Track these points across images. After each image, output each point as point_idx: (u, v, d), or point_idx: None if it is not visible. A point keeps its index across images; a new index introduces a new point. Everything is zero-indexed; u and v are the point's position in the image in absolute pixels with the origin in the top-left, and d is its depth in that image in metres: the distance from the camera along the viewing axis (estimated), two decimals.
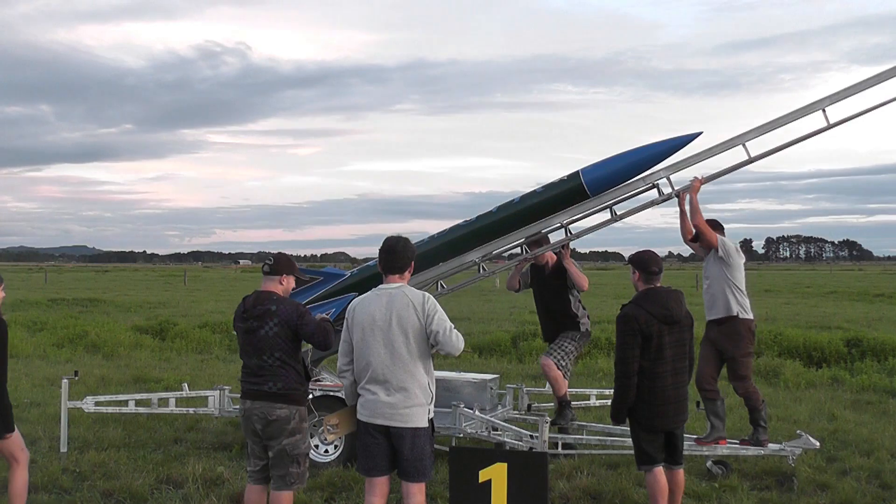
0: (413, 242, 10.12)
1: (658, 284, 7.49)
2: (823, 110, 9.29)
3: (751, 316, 9.83)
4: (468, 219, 10.09)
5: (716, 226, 9.87)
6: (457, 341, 6.29)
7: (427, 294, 6.39)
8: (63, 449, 10.49)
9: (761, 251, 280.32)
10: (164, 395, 11.31)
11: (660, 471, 7.34)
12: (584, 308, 10.46)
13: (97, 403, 11.06)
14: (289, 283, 7.04)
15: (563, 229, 9.89)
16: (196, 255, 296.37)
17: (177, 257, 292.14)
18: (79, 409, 10.99)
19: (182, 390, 11.20)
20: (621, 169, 9.48)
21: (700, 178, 9.67)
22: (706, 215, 9.69)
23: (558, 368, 10.10)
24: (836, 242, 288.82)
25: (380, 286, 6.53)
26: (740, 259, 9.72)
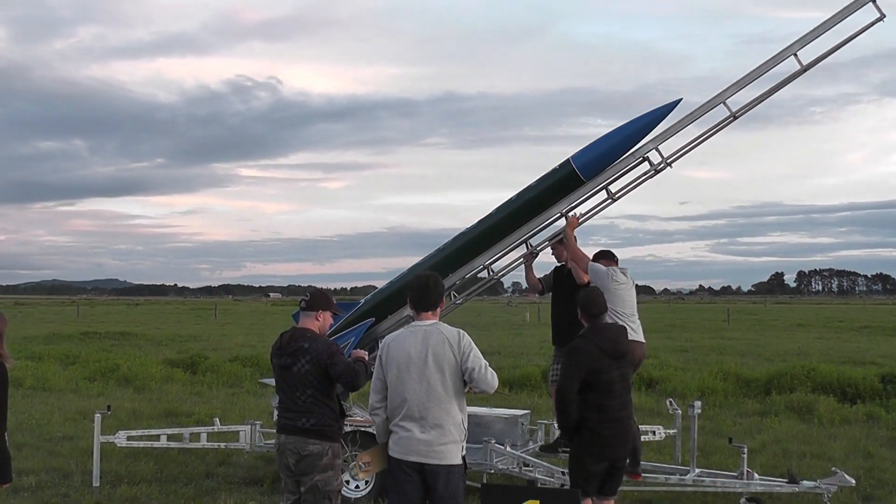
0: (419, 259, 10.26)
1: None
2: (795, 55, 9.33)
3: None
4: (470, 225, 10.14)
5: (606, 256, 9.86)
6: (492, 379, 6.29)
7: (462, 331, 6.39)
8: (95, 483, 10.53)
9: (793, 285, 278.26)
10: (195, 429, 11.34)
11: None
12: None
13: (129, 438, 11.10)
14: (325, 318, 7.04)
15: (563, 218, 9.90)
16: (227, 289, 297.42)
17: (207, 290, 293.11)
18: (111, 444, 11.02)
19: (213, 425, 11.22)
20: (609, 148, 9.51)
21: (575, 214, 9.80)
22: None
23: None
24: (870, 276, 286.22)
25: (413, 323, 6.52)
26: (615, 283, 9.45)
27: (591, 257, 9.79)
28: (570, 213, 9.86)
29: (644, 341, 9.62)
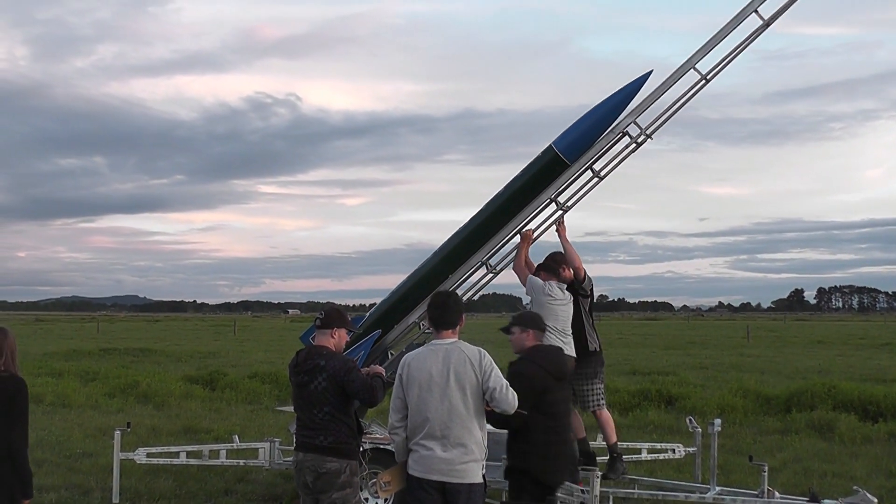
0: (419, 264, 10.32)
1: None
2: (756, 11, 9.40)
3: None
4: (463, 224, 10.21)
5: (546, 269, 9.92)
6: (512, 399, 6.30)
7: (483, 350, 6.39)
8: (115, 500, 10.56)
9: (813, 301, 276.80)
10: (215, 446, 11.34)
11: None
12: (594, 329, 10.26)
13: (149, 455, 11.11)
14: (341, 336, 7.06)
15: (553, 203, 9.93)
16: (245, 305, 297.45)
17: (226, 307, 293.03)
18: (131, 460, 11.04)
19: (232, 441, 11.23)
20: (589, 128, 9.58)
21: (530, 229, 9.99)
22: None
23: (603, 409, 10.04)
24: (890, 293, 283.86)
25: (433, 341, 6.52)
26: (548, 298, 9.61)
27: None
28: (525, 229, 10.02)
29: (574, 355, 9.67)
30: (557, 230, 10.01)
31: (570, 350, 9.63)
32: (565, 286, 9.86)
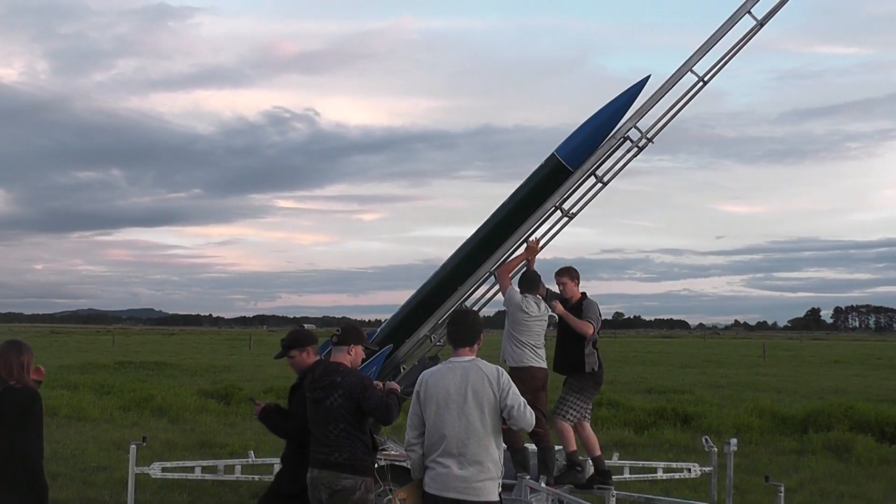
0: (428, 277, 10.35)
1: None
2: (749, 12, 9.53)
3: (522, 364, 9.81)
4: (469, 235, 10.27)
5: (528, 278, 10.01)
6: (530, 417, 6.28)
7: (500, 368, 6.38)
8: None
9: (830, 321, 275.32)
10: (230, 461, 11.34)
11: None
12: (596, 349, 10.25)
13: (164, 469, 11.10)
14: (357, 352, 7.08)
15: (558, 210, 9.98)
16: (261, 319, 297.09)
17: (242, 321, 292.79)
18: (145, 475, 11.03)
19: (248, 457, 11.23)
20: (590, 134, 9.67)
21: (536, 238, 10.05)
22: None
23: (564, 420, 10.03)
24: None
25: (451, 359, 6.50)
26: (523, 314, 9.75)
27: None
28: (532, 238, 10.07)
29: (546, 367, 9.91)
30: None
31: (541, 362, 9.84)
32: (542, 300, 9.92)
